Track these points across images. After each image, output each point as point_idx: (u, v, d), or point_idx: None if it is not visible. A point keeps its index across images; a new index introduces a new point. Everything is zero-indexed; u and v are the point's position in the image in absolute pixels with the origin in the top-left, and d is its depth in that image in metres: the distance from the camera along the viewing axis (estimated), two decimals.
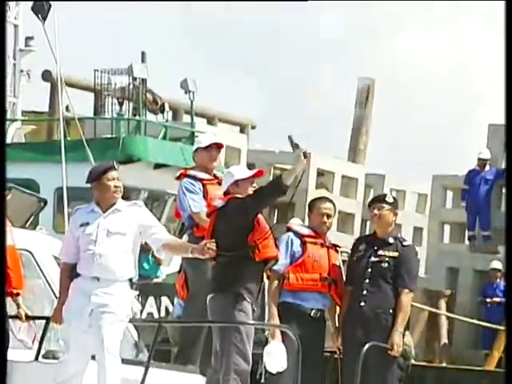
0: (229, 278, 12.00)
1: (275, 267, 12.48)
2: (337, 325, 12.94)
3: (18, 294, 12.69)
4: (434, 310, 24.58)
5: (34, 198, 16.33)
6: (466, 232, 26.71)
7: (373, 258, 12.62)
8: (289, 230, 13.20)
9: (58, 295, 12.72)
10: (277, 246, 12.42)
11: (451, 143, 31.27)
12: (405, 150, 44.09)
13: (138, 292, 12.22)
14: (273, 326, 12.45)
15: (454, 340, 24.77)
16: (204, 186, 13.29)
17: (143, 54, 24.18)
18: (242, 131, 33.36)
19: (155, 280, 20.58)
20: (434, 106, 49.38)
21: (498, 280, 24.18)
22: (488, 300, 24.36)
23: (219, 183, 13.14)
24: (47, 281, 13.67)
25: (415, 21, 58.30)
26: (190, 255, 11.95)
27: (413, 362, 20.96)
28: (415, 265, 13.04)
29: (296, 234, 12.96)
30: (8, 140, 22.97)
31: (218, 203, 12.35)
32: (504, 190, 25.79)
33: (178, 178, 13.85)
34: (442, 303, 24.83)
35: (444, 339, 24.63)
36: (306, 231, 13.02)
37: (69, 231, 12.14)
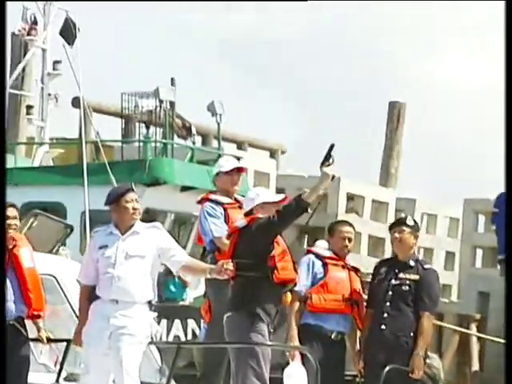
0: (246, 297, 11.97)
1: (296, 288, 12.44)
2: (358, 347, 12.92)
3: (38, 316, 12.77)
4: (465, 330, 24.63)
5: (60, 224, 16.29)
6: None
7: (393, 281, 12.65)
8: (309, 252, 13.24)
9: None
10: (295, 269, 12.33)
11: (484, 167, 31.17)
12: (437, 173, 44.04)
13: (156, 314, 12.18)
14: (292, 347, 12.41)
15: (486, 364, 24.73)
16: (225, 210, 13.28)
17: (172, 79, 24.24)
18: (272, 156, 33.36)
19: (181, 303, 20.59)
20: (467, 130, 49.58)
21: None
22: None
23: (240, 207, 13.11)
24: (70, 305, 13.87)
25: (450, 45, 58.64)
26: (209, 276, 11.95)
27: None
28: (437, 288, 12.97)
29: (317, 256, 13.00)
30: (36, 163, 23.17)
31: (240, 224, 12.29)
32: None
33: (200, 202, 13.88)
34: (473, 327, 24.83)
35: (475, 364, 24.61)
36: (327, 253, 13.04)
37: (88, 253, 12.10)
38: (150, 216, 13.17)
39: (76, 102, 26.44)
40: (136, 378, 11.68)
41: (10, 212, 12.87)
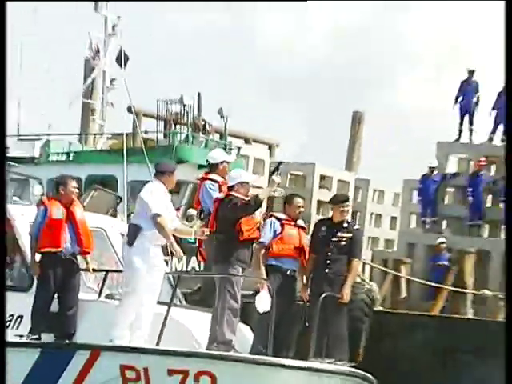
0: (223, 251, 12.07)
1: (261, 240, 12.51)
2: (304, 282, 12.88)
3: (87, 253, 12.75)
4: (395, 272, 24.84)
5: (112, 195, 16.05)
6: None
7: (334, 239, 12.55)
8: (271, 216, 13.05)
9: (121, 259, 12.86)
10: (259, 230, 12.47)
11: (418, 156, 31.13)
12: (385, 162, 43.84)
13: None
14: (258, 278, 12.36)
15: (412, 295, 24.90)
16: (220, 186, 13.41)
17: (199, 95, 24.05)
18: (270, 148, 32.77)
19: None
20: (409, 133, 49.20)
21: (442, 251, 24.36)
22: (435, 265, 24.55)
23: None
24: (113, 248, 13.69)
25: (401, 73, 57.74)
26: (193, 237, 12.46)
27: (380, 308, 21.15)
28: (361, 242, 13.20)
29: (277, 218, 12.88)
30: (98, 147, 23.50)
31: (220, 195, 12.62)
32: (447, 189, 26.13)
33: (202, 179, 13.94)
34: (403, 268, 25.02)
35: (403, 293, 24.84)
36: (283, 217, 12.92)
37: (160, 199, 12.05)
38: (176, 185, 13.39)
39: (130, 109, 26.78)
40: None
41: (74, 183, 12.87)
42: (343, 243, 12.61)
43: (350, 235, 12.66)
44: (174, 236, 12.07)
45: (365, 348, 13.65)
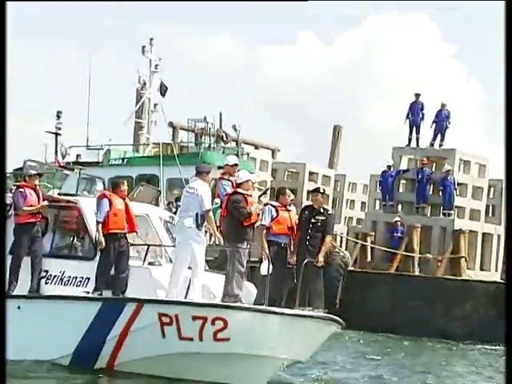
0: (233, 231, 11.91)
1: (263, 223, 12.30)
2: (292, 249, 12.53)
3: (134, 232, 12.50)
4: (363, 242, 24.98)
5: (154, 190, 15.64)
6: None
7: (313, 220, 12.32)
8: (267, 204, 12.75)
9: (161, 239, 12.76)
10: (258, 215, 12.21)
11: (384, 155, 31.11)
12: (357, 161, 43.79)
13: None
14: (261, 249, 12.12)
15: (375, 259, 24.94)
16: (232, 184, 12.94)
17: (220, 114, 23.93)
18: (273, 152, 32.64)
19: None
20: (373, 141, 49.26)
21: (397, 226, 24.41)
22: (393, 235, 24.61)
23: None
24: (156, 231, 13.14)
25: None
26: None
27: (352, 268, 21.16)
28: (333, 223, 12.80)
29: (272, 205, 12.60)
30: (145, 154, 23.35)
31: (229, 191, 12.42)
32: (401, 181, 25.97)
33: (219, 178, 13.42)
34: (369, 239, 25.08)
35: (369, 257, 24.93)
36: (277, 204, 12.66)
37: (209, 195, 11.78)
38: None
39: (171, 124, 26.78)
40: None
41: (124, 184, 12.65)
42: (319, 224, 12.33)
43: (324, 218, 12.35)
44: None
45: (341, 299, 13.47)
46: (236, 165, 13.49)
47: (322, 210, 12.51)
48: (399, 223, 24.37)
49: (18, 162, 15.35)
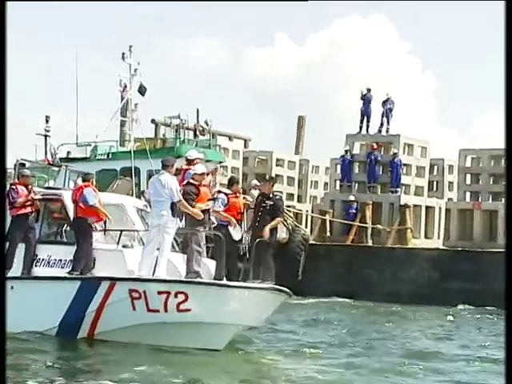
0: (190, 218, 11.73)
1: (217, 209, 12.15)
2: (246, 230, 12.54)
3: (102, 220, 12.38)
4: (323, 217, 25.12)
5: (130, 182, 15.39)
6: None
7: (263, 204, 12.14)
8: (220, 192, 12.77)
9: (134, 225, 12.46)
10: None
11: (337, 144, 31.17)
12: (319, 147, 43.69)
13: None
14: (208, 231, 11.93)
15: (333, 233, 25.10)
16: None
17: (197, 110, 23.61)
18: (245, 142, 32.41)
19: None
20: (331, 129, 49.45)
21: (352, 203, 24.49)
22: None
23: None
24: (130, 218, 12.86)
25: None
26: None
27: (312, 242, 21.25)
28: (281, 207, 12.43)
29: (225, 194, 12.64)
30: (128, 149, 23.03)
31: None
32: (355, 164, 25.99)
33: (185, 170, 13.05)
34: (328, 215, 25.24)
35: (327, 232, 25.09)
36: (229, 192, 12.68)
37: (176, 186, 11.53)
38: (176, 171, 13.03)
39: (153, 121, 26.53)
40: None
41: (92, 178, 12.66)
42: (268, 208, 12.10)
43: (272, 203, 12.17)
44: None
45: (302, 270, 13.41)
46: (198, 158, 13.27)
47: (270, 196, 12.34)
48: (354, 200, 24.51)
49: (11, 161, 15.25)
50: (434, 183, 29.48)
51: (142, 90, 21.86)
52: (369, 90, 25.47)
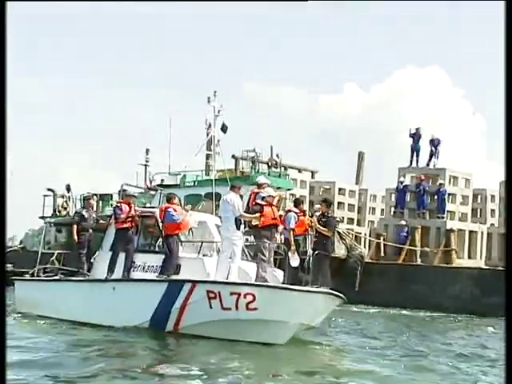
0: (257, 234, 11.88)
1: (291, 226, 12.01)
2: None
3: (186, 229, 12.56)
4: (378, 240, 24.75)
5: (211, 203, 15.48)
6: None
7: (320, 222, 11.87)
8: (290, 211, 12.62)
9: (214, 238, 12.59)
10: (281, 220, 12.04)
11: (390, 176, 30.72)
12: (377, 178, 42.99)
13: None
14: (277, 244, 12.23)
15: (387, 253, 24.57)
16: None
17: (271, 147, 24.08)
18: (312, 174, 32.54)
19: None
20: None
21: (404, 228, 24.07)
22: None
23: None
24: (212, 232, 13.09)
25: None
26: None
27: (368, 260, 20.96)
28: (331, 221, 12.13)
29: (295, 213, 12.49)
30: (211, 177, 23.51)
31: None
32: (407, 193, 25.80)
33: (256, 193, 13.03)
34: (381, 238, 24.97)
35: (382, 253, 24.77)
36: (297, 210, 12.59)
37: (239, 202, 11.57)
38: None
39: (233, 156, 26.93)
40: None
41: (175, 198, 12.61)
42: (323, 224, 11.96)
43: (325, 220, 12.05)
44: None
45: (359, 283, 13.24)
46: (267, 184, 13.36)
47: (326, 214, 12.37)
48: (405, 225, 24.37)
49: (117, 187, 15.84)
50: (478, 210, 28.95)
51: (223, 129, 22.26)
52: (418, 129, 25.40)
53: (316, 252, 11.82)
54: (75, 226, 13.83)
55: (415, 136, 25.24)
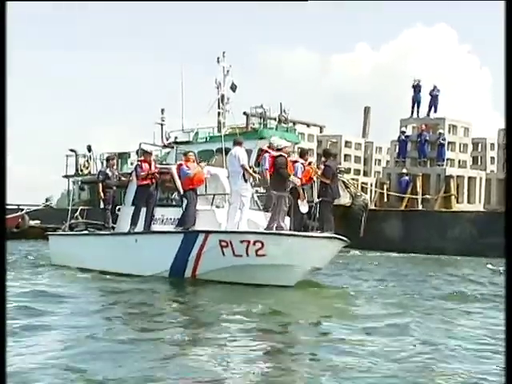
0: (279, 184, 11.56)
1: (298, 176, 11.94)
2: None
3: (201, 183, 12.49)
4: (381, 190, 24.98)
5: (221, 157, 15.23)
6: None
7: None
8: (296, 162, 12.14)
9: (225, 190, 12.60)
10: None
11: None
12: (384, 131, 42.84)
13: None
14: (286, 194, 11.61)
15: (390, 200, 25.22)
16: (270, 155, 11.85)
17: (281, 103, 23.74)
18: (320, 129, 32.39)
19: None
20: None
21: (405, 176, 24.41)
22: None
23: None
24: (223, 185, 13.12)
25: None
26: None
27: (373, 207, 21.05)
28: (326, 169, 12.11)
29: (301, 163, 12.03)
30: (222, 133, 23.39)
31: (274, 153, 11.81)
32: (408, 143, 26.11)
33: (264, 151, 12.12)
34: (385, 186, 25.24)
35: (385, 199, 25.11)
36: (303, 161, 12.13)
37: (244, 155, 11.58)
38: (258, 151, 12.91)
39: (244, 113, 26.94)
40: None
41: (191, 154, 12.64)
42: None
43: (323, 167, 11.95)
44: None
45: (364, 229, 13.01)
46: (284, 147, 12.42)
47: (324, 163, 12.21)
48: (406, 173, 24.59)
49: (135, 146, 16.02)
50: (479, 158, 29.11)
51: (233, 87, 22.47)
52: (418, 81, 25.40)
53: (320, 199, 11.94)
54: (100, 185, 14.06)
55: (416, 87, 25.25)
